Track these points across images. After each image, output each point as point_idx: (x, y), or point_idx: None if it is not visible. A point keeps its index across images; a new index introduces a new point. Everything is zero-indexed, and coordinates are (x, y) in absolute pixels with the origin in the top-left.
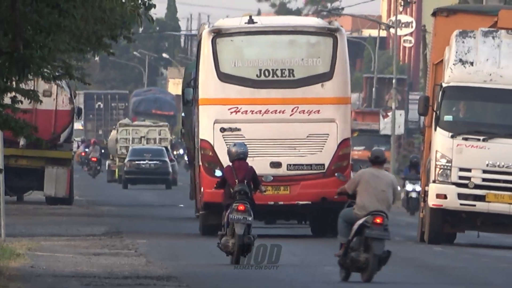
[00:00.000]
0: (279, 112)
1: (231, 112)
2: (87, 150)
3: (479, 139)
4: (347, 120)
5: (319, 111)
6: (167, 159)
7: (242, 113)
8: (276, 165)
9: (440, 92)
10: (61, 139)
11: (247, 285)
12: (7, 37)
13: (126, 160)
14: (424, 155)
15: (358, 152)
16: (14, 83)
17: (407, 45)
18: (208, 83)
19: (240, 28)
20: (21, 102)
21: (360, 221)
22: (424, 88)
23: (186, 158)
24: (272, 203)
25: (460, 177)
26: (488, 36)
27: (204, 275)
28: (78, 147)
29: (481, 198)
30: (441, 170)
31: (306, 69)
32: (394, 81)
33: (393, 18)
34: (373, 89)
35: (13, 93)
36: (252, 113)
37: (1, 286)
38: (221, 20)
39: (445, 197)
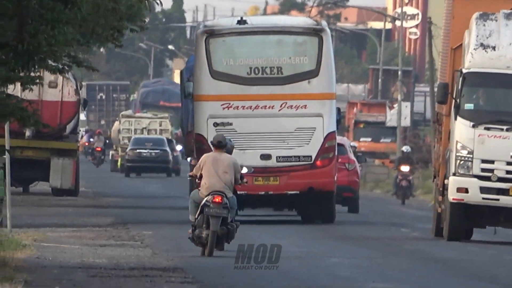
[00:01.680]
0: (269, 107)
1: (224, 108)
2: (91, 140)
3: (502, 129)
4: (332, 114)
5: (306, 106)
6: (167, 148)
7: (234, 108)
8: (266, 157)
9: (460, 79)
10: (67, 130)
11: (251, 277)
12: (13, 29)
13: (128, 149)
14: (442, 146)
15: (364, 143)
16: (19, 73)
17: (413, 37)
18: (202, 81)
19: (231, 29)
20: (31, 90)
21: (203, 201)
22: (430, 79)
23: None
24: (262, 193)
25: (483, 170)
26: (510, 19)
27: (210, 267)
28: (82, 137)
29: (504, 191)
30: (462, 162)
31: (294, 67)
32: (399, 73)
33: (398, 10)
34: (379, 80)
35: (19, 83)
36: (243, 109)
37: (7, 277)
38: (215, 20)
39: (466, 190)
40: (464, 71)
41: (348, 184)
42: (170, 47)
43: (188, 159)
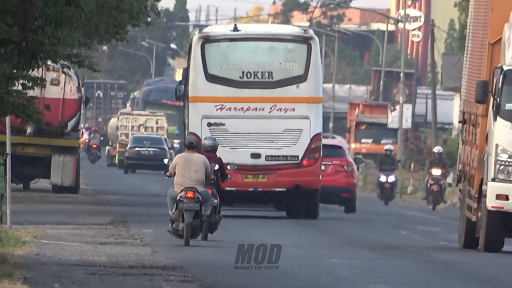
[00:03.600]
0: (259, 109)
1: (217, 109)
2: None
3: None
4: (319, 117)
5: (294, 109)
6: (165, 147)
7: (226, 110)
8: (256, 156)
9: (501, 77)
10: (68, 127)
11: (251, 276)
12: (16, 26)
13: (128, 147)
14: (477, 149)
15: (365, 145)
16: (22, 72)
17: (415, 39)
18: (197, 83)
19: (226, 35)
20: (33, 89)
21: (177, 197)
22: (432, 82)
23: None
24: (251, 189)
25: None
26: None
27: (210, 265)
28: (82, 134)
29: None
30: (502, 166)
31: (283, 72)
32: (402, 75)
33: (401, 12)
34: (381, 82)
35: (21, 81)
36: (235, 110)
37: (6, 273)
38: (209, 27)
39: (506, 198)
40: (505, 68)
41: (346, 185)
42: (172, 45)
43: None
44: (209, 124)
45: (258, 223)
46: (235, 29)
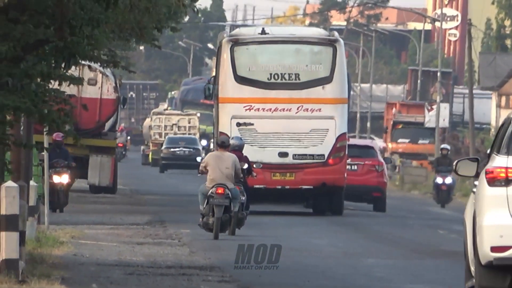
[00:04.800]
0: (286, 110)
1: (246, 109)
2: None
3: None
4: (344, 117)
5: (320, 109)
6: (199, 147)
7: (255, 110)
8: (283, 154)
9: None
10: (105, 127)
11: (288, 275)
12: (53, 27)
13: (163, 147)
14: None
15: (402, 145)
16: (60, 70)
17: (452, 38)
18: (227, 84)
19: (254, 38)
20: (68, 85)
21: (208, 192)
22: (469, 81)
23: None
24: (279, 187)
25: None
26: None
27: (246, 266)
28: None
29: None
30: None
31: (310, 73)
32: (439, 74)
33: (438, 11)
34: (418, 81)
35: (57, 81)
36: (263, 111)
37: (45, 274)
38: (238, 30)
39: None
40: None
41: (377, 184)
42: (210, 45)
43: None
44: (238, 124)
45: (294, 222)
46: (263, 32)
